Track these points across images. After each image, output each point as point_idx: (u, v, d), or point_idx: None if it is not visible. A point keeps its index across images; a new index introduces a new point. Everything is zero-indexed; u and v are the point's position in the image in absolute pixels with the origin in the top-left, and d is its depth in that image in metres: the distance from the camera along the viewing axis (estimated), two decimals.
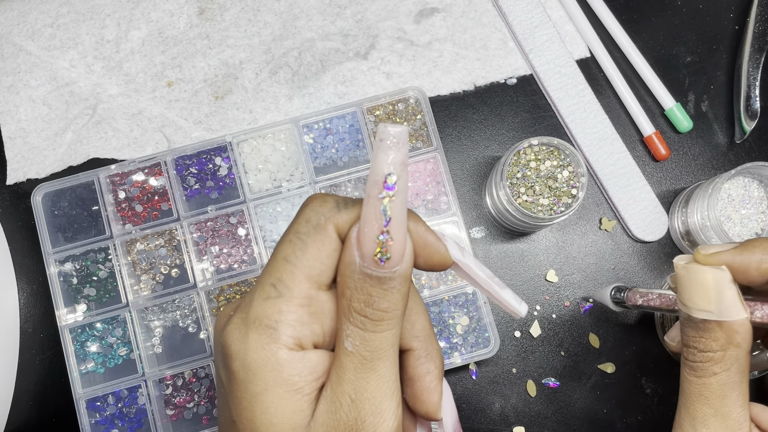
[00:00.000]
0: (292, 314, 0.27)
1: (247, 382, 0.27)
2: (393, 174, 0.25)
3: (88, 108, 0.57)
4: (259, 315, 0.27)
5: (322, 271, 0.27)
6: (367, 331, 0.27)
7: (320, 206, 0.28)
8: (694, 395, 0.35)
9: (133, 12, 0.58)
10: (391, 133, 0.25)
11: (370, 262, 0.26)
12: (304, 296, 0.27)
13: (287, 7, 0.59)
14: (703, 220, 0.50)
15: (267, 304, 0.27)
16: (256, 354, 0.27)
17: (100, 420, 0.52)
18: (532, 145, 0.51)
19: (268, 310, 0.27)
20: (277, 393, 0.27)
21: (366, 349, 0.27)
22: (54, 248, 0.53)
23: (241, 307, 0.28)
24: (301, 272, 0.27)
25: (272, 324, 0.27)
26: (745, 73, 0.56)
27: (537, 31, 0.57)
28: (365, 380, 0.27)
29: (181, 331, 0.53)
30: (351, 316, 0.27)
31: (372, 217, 0.26)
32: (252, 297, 0.28)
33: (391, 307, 0.27)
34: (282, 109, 0.57)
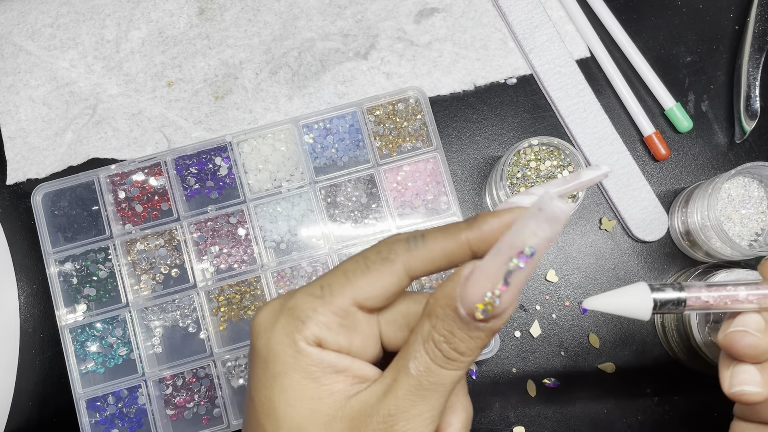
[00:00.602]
0: (323, 317, 0.28)
1: (268, 362, 0.28)
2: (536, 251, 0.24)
3: (88, 108, 0.57)
4: (296, 305, 0.29)
5: (370, 297, 0.29)
6: (435, 363, 0.27)
7: (394, 243, 0.29)
8: None
9: (133, 12, 0.58)
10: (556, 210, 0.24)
11: (468, 308, 0.26)
12: (342, 309, 0.29)
13: (287, 7, 0.59)
14: (703, 220, 0.50)
15: (307, 299, 0.29)
16: (280, 338, 0.28)
17: (100, 420, 0.52)
18: (532, 145, 0.51)
19: (305, 305, 0.29)
20: (295, 377, 0.28)
21: (427, 379, 0.27)
22: (54, 248, 0.53)
23: (284, 295, 0.30)
24: (351, 289, 0.29)
25: (302, 317, 0.28)
26: (745, 73, 0.56)
27: (537, 31, 0.57)
28: (412, 403, 0.27)
29: (181, 331, 0.53)
30: (427, 343, 0.27)
31: (492, 274, 0.25)
32: (298, 290, 0.30)
33: (468, 353, 0.27)
34: (282, 109, 0.57)
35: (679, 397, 0.54)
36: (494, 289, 0.25)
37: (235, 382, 0.53)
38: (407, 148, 0.55)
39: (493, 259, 0.25)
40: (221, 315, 0.53)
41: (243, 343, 0.53)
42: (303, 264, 0.54)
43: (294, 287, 0.53)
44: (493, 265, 0.25)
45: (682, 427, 0.54)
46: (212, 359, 0.53)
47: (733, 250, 0.50)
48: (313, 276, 0.54)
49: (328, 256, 0.54)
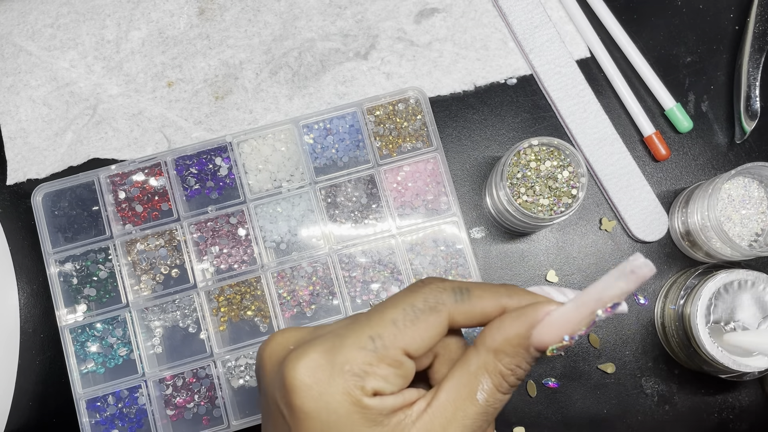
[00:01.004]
0: (381, 370, 0.29)
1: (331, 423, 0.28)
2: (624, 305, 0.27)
3: (88, 108, 0.57)
4: (350, 360, 0.29)
5: (419, 347, 0.30)
6: (501, 392, 0.30)
7: (440, 292, 0.30)
8: None
9: (133, 12, 0.58)
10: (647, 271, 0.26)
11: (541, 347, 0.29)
12: (396, 360, 0.29)
13: (287, 7, 0.59)
14: (703, 221, 0.50)
15: (361, 353, 0.29)
16: (342, 397, 0.28)
17: (100, 420, 0.52)
18: (532, 146, 0.51)
19: (360, 359, 0.29)
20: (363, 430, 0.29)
21: (493, 407, 0.30)
22: (54, 248, 0.53)
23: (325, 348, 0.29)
24: (403, 340, 0.29)
25: (360, 372, 0.28)
26: (745, 73, 0.56)
27: (537, 31, 0.57)
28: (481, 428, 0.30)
29: (182, 332, 0.53)
30: (495, 376, 0.29)
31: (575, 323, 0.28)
32: (343, 341, 0.29)
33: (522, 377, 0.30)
34: (282, 109, 0.57)
35: (679, 397, 0.54)
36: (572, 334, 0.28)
37: (235, 383, 0.53)
38: (407, 148, 0.55)
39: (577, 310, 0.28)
40: (221, 315, 0.53)
41: (243, 344, 0.53)
42: (303, 264, 0.54)
43: (294, 287, 0.53)
44: (577, 315, 0.28)
45: (682, 427, 0.54)
46: (212, 359, 0.53)
47: (733, 251, 0.50)
48: (313, 276, 0.54)
49: (328, 256, 0.54)
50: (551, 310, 0.29)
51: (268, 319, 0.53)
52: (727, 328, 0.49)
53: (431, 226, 0.54)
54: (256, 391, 0.53)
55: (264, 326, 0.53)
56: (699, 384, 0.54)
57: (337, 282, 0.53)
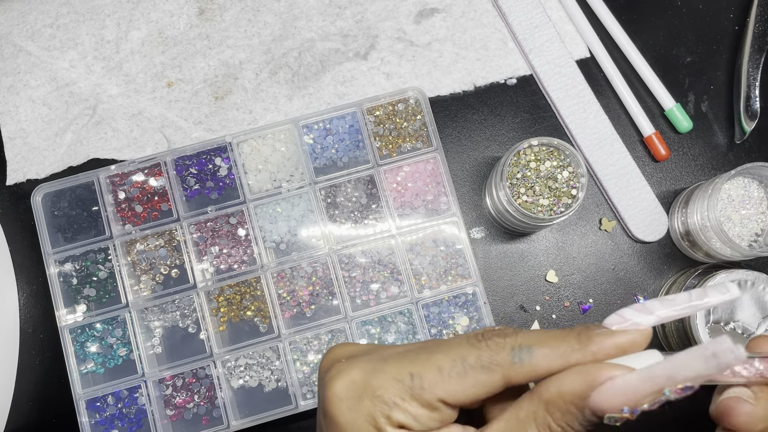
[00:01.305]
0: (411, 408, 0.28)
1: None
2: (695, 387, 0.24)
3: (88, 108, 0.57)
4: (382, 388, 0.28)
5: (459, 401, 0.28)
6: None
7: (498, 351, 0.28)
8: None
9: (133, 12, 0.58)
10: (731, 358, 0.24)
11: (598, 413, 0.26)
12: (432, 405, 0.28)
13: (287, 7, 0.59)
14: (703, 221, 0.50)
15: (395, 384, 0.28)
16: (365, 419, 0.28)
17: (100, 420, 0.52)
18: (532, 146, 0.51)
19: (392, 390, 0.28)
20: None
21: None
22: (54, 248, 0.53)
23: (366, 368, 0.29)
24: (444, 389, 0.28)
25: (389, 402, 0.28)
26: (745, 74, 0.56)
27: (537, 31, 0.57)
28: None
29: (181, 332, 0.53)
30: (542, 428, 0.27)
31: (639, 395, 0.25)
32: (384, 367, 0.29)
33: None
34: (282, 109, 0.57)
35: None
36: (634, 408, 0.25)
37: (234, 383, 0.53)
38: (407, 148, 0.55)
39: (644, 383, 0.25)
40: (221, 315, 0.53)
41: (243, 344, 0.53)
42: (303, 264, 0.54)
43: (294, 288, 0.53)
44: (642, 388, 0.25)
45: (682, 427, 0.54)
46: (212, 360, 0.53)
47: (733, 251, 0.50)
48: (313, 277, 0.54)
49: (327, 256, 0.54)
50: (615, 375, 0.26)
51: (268, 320, 0.53)
52: (726, 328, 0.49)
53: (431, 226, 0.54)
54: (256, 391, 0.53)
55: (264, 326, 0.53)
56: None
57: (336, 282, 0.53)
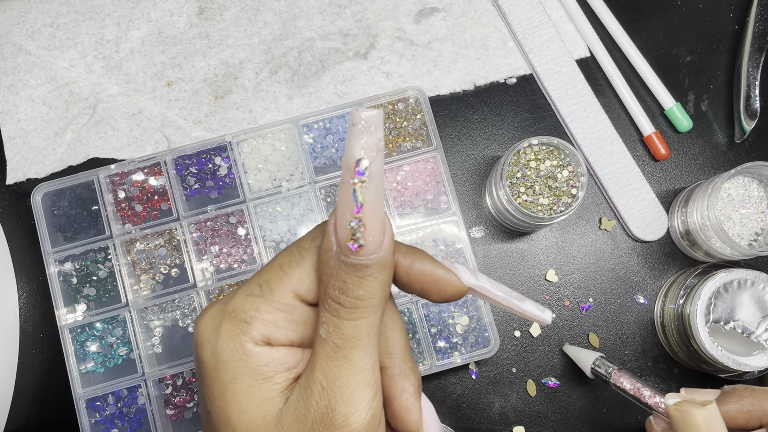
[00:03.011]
0: (268, 314, 0.27)
1: (217, 370, 0.27)
2: (364, 159, 0.25)
3: (87, 108, 0.57)
4: (237, 308, 0.28)
5: (310, 288, 0.28)
6: (340, 318, 0.27)
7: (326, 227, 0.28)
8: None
9: (133, 12, 0.58)
10: (362, 117, 0.25)
11: (344, 249, 0.26)
12: (286, 303, 0.28)
13: (287, 6, 0.59)
14: (702, 220, 0.50)
15: (248, 300, 0.28)
16: (226, 344, 0.27)
17: (100, 420, 0.52)
18: (532, 145, 0.51)
19: (246, 306, 0.27)
20: (246, 381, 0.27)
21: (339, 337, 0.27)
22: (54, 248, 0.53)
23: (222, 300, 0.29)
24: (290, 282, 0.28)
25: (246, 318, 0.27)
26: (745, 73, 0.56)
27: (537, 30, 0.57)
28: (337, 368, 0.27)
29: (181, 331, 0.53)
30: (326, 303, 0.27)
31: (344, 204, 0.25)
32: (235, 292, 0.28)
33: (367, 295, 0.27)
34: (282, 108, 0.57)
35: None
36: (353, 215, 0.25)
37: None
38: (407, 147, 0.55)
39: (340, 192, 0.26)
40: None
41: None
42: None
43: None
44: (342, 197, 0.26)
45: None
46: None
47: (732, 250, 0.50)
48: None
49: None
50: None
51: None
52: (726, 327, 0.49)
53: (431, 225, 0.54)
54: None
55: None
56: (699, 383, 0.54)
57: None
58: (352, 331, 0.27)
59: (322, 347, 0.27)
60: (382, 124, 0.25)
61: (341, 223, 0.26)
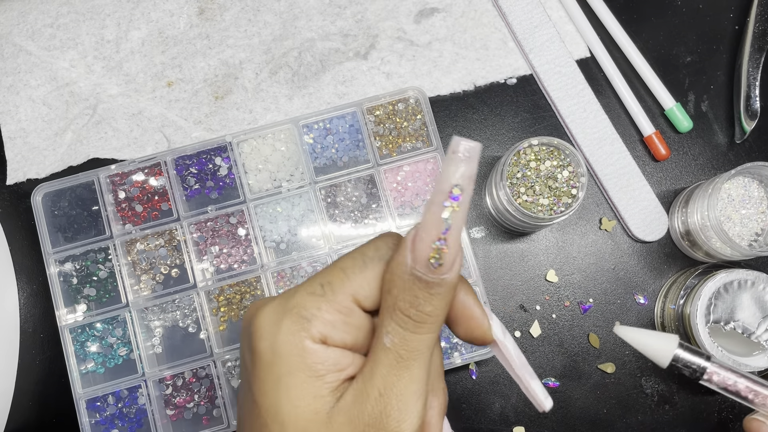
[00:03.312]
0: (328, 314, 0.28)
1: (272, 363, 0.28)
2: (459, 186, 0.26)
3: (88, 108, 0.57)
4: (299, 304, 0.29)
5: (369, 295, 0.29)
6: (407, 331, 0.28)
7: (394, 243, 0.30)
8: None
9: (133, 12, 0.58)
10: (464, 146, 0.26)
11: (422, 265, 0.27)
12: (345, 306, 0.29)
13: (287, 7, 0.59)
14: (703, 220, 0.50)
15: (309, 298, 0.29)
16: (285, 338, 0.28)
17: (100, 420, 0.52)
18: (532, 145, 0.51)
19: (308, 303, 0.29)
20: (300, 377, 0.28)
21: (404, 348, 0.28)
22: (54, 248, 0.53)
23: (283, 295, 0.30)
24: (351, 286, 0.29)
25: (307, 315, 0.28)
26: (745, 73, 0.56)
27: (537, 31, 0.57)
28: (397, 377, 0.28)
29: (181, 331, 0.53)
30: (395, 314, 0.28)
31: (432, 224, 0.27)
32: (297, 289, 0.29)
33: (435, 311, 0.28)
34: (282, 109, 0.57)
35: (679, 397, 0.54)
36: (438, 235, 0.27)
37: (235, 382, 0.53)
38: (407, 148, 0.55)
39: (428, 212, 0.27)
40: (221, 315, 0.53)
41: None
42: (303, 264, 0.54)
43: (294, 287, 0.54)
44: (430, 216, 0.27)
45: (682, 427, 0.54)
46: (212, 359, 0.53)
47: (733, 250, 0.50)
48: None
49: (328, 256, 0.54)
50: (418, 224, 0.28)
51: None
52: (726, 327, 0.49)
53: None
54: None
55: None
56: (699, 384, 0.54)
57: None
58: (416, 344, 0.28)
59: (385, 355, 0.28)
60: (479, 156, 0.27)
61: (425, 241, 0.27)
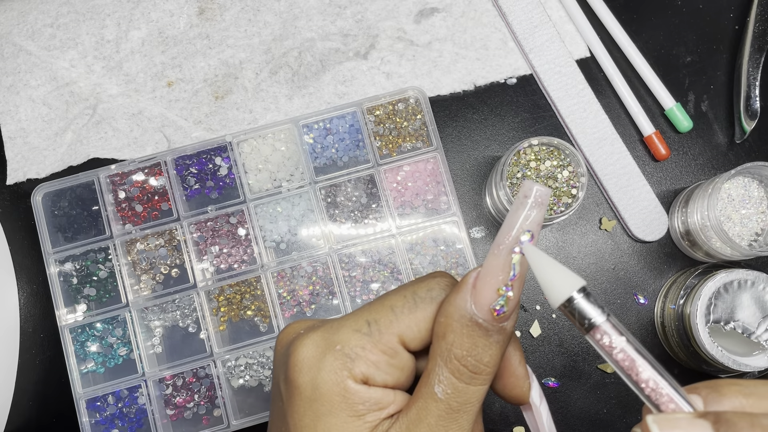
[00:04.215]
0: (373, 355, 0.28)
1: (313, 400, 0.28)
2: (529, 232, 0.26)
3: (88, 108, 0.57)
4: (343, 341, 0.28)
5: (416, 337, 0.28)
6: (462, 382, 0.27)
7: (447, 284, 0.29)
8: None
9: (133, 12, 0.58)
10: (536, 192, 0.26)
11: (484, 312, 0.26)
12: (391, 347, 0.28)
13: (287, 7, 0.59)
14: (703, 220, 0.50)
15: (354, 336, 0.28)
16: (328, 376, 0.27)
17: (100, 420, 0.52)
18: (532, 145, 0.51)
19: (353, 342, 0.28)
20: (342, 417, 0.27)
21: (456, 400, 0.27)
22: (54, 248, 0.53)
23: (325, 328, 0.29)
24: (399, 327, 0.28)
25: (352, 355, 0.27)
26: (745, 73, 0.56)
27: (537, 31, 0.57)
28: (445, 429, 0.27)
29: (181, 331, 0.53)
30: (450, 362, 0.27)
31: (499, 268, 0.26)
32: (342, 323, 0.28)
33: (491, 362, 0.27)
34: (282, 109, 0.57)
35: None
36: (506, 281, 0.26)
37: (235, 382, 0.53)
38: (407, 148, 0.55)
39: (495, 257, 0.26)
40: (221, 315, 0.53)
41: (243, 343, 0.53)
42: (303, 264, 0.54)
43: (294, 287, 0.53)
44: (497, 261, 0.26)
45: None
46: (212, 359, 0.53)
47: (733, 250, 0.50)
48: (313, 276, 0.54)
49: (328, 256, 0.54)
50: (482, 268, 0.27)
51: (268, 319, 0.53)
52: (726, 327, 0.49)
53: (431, 225, 0.54)
54: (257, 390, 0.53)
55: (264, 326, 0.53)
56: None
57: (337, 282, 0.53)
58: (470, 396, 0.27)
59: (435, 406, 0.27)
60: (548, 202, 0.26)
61: (491, 286, 0.26)
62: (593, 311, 0.27)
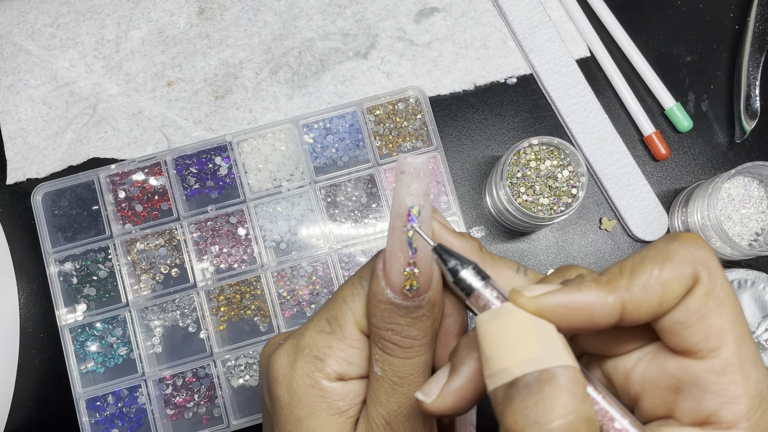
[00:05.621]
0: (340, 351, 0.28)
1: (292, 406, 0.28)
2: (415, 206, 0.26)
3: (88, 108, 0.57)
4: (310, 345, 0.28)
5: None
6: (395, 357, 0.27)
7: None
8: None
9: (133, 12, 0.58)
10: (410, 164, 0.26)
11: (398, 293, 0.26)
12: (356, 339, 0.28)
13: (287, 6, 0.59)
14: (703, 220, 0.50)
15: (319, 337, 0.28)
16: (302, 380, 0.28)
17: (100, 420, 0.52)
18: (532, 145, 0.51)
19: (319, 343, 0.28)
20: (322, 416, 0.28)
21: (395, 375, 0.27)
22: (54, 248, 0.53)
23: (294, 335, 0.29)
24: (354, 316, 0.28)
25: (320, 355, 0.28)
26: (745, 73, 0.56)
27: (537, 30, 0.57)
28: (398, 404, 0.27)
29: (181, 331, 0.53)
30: (379, 342, 0.27)
31: (398, 250, 0.26)
32: (306, 327, 0.29)
33: (420, 334, 0.27)
34: (282, 108, 0.57)
35: None
36: (407, 261, 0.26)
37: (234, 382, 0.53)
38: (407, 147, 0.55)
39: (391, 238, 0.26)
40: (221, 315, 0.53)
41: (243, 343, 0.53)
42: (303, 264, 0.54)
43: (294, 287, 0.54)
44: (394, 243, 0.26)
45: None
46: (212, 359, 0.53)
47: (733, 250, 0.50)
48: (313, 276, 0.54)
49: (328, 255, 0.54)
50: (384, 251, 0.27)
51: (268, 319, 0.53)
52: None
53: None
54: (256, 390, 0.53)
55: (264, 326, 0.53)
56: None
57: (337, 281, 0.53)
58: (408, 369, 0.27)
59: (379, 384, 0.28)
60: (428, 170, 0.26)
61: (395, 269, 0.26)
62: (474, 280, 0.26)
